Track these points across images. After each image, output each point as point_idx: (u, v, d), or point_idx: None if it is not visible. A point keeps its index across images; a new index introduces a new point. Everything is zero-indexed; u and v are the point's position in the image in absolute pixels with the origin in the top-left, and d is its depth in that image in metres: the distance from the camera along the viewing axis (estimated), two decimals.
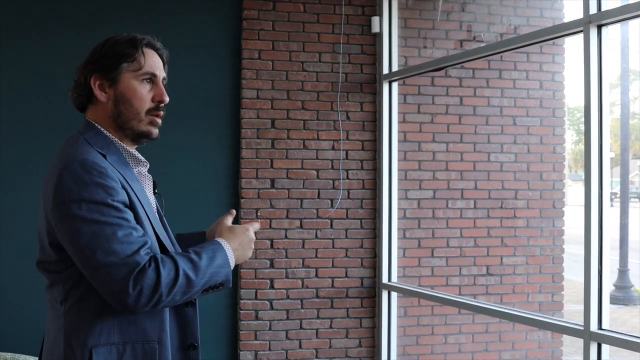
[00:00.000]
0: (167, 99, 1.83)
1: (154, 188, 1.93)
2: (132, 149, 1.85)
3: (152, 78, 1.82)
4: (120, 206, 1.66)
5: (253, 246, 1.85)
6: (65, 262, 1.69)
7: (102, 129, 1.80)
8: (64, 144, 1.80)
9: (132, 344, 1.71)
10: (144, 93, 1.80)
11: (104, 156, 1.73)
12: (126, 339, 1.71)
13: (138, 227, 1.68)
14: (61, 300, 1.72)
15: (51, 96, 4.15)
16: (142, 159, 1.87)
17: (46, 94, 4.16)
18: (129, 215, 1.67)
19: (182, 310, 1.82)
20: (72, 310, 1.71)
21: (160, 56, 1.87)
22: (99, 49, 1.81)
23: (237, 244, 1.80)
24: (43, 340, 1.89)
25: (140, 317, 1.72)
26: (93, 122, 1.81)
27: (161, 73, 1.85)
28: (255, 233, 1.88)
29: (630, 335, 2.90)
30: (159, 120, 1.84)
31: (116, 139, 1.81)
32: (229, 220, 1.90)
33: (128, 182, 1.73)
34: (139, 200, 1.75)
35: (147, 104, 1.81)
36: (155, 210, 1.89)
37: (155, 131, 1.83)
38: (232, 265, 1.77)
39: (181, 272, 1.64)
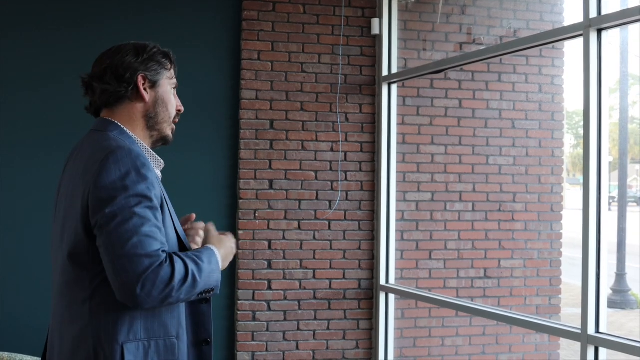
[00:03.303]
0: (183, 108, 2.01)
1: None
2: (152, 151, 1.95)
3: (175, 88, 1.99)
4: (155, 201, 1.73)
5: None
6: (95, 253, 1.71)
7: (125, 129, 1.86)
8: (87, 141, 1.84)
9: (155, 340, 1.77)
10: (174, 101, 1.97)
11: None
12: (150, 335, 1.77)
13: (161, 226, 1.74)
14: (84, 298, 1.74)
15: (51, 97, 4.14)
16: (161, 160, 1.96)
17: (46, 94, 4.16)
18: (159, 212, 1.74)
19: (197, 306, 1.88)
20: (100, 308, 1.73)
21: None
22: (141, 52, 1.88)
23: (224, 252, 1.89)
24: (46, 344, 1.88)
25: (163, 314, 1.78)
26: (114, 121, 1.86)
27: None
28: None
29: (627, 339, 2.91)
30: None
31: (139, 139, 1.89)
32: (213, 228, 1.98)
33: (158, 181, 1.82)
34: (166, 200, 1.82)
35: (175, 111, 1.98)
36: None
37: (171, 137, 2.00)
38: (221, 270, 1.86)
39: (190, 272, 1.70)
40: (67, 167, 1.86)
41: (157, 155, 1.94)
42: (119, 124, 1.86)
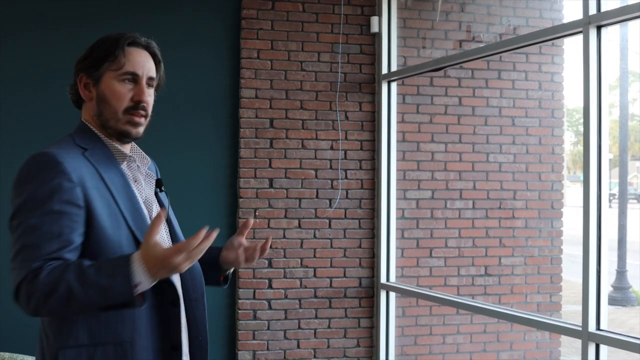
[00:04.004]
0: (145, 98, 1.79)
1: (160, 186, 1.90)
2: (121, 146, 1.82)
3: (133, 77, 1.78)
4: (57, 206, 1.62)
5: (188, 263, 1.56)
6: None
7: (91, 127, 1.81)
8: None
9: (102, 346, 1.66)
10: (123, 92, 1.77)
11: (85, 150, 1.74)
12: (96, 340, 1.66)
13: (66, 232, 1.62)
14: None
15: (51, 96, 4.14)
16: (127, 153, 1.83)
17: (46, 94, 4.15)
18: (63, 214, 1.62)
19: (164, 310, 1.74)
20: None
21: (152, 54, 1.84)
22: (88, 49, 1.82)
23: (152, 266, 1.56)
24: None
25: (111, 318, 1.65)
26: (84, 121, 1.84)
27: (146, 72, 1.80)
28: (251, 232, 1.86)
29: (628, 336, 2.91)
30: (138, 120, 1.79)
31: (103, 136, 1.81)
32: (158, 229, 1.57)
33: (102, 177, 1.72)
34: (112, 195, 1.71)
35: (126, 103, 1.77)
36: (156, 208, 1.86)
37: (134, 130, 1.79)
38: (142, 285, 1.56)
39: (62, 283, 1.54)
40: None
41: (124, 151, 1.81)
42: (85, 122, 1.82)
